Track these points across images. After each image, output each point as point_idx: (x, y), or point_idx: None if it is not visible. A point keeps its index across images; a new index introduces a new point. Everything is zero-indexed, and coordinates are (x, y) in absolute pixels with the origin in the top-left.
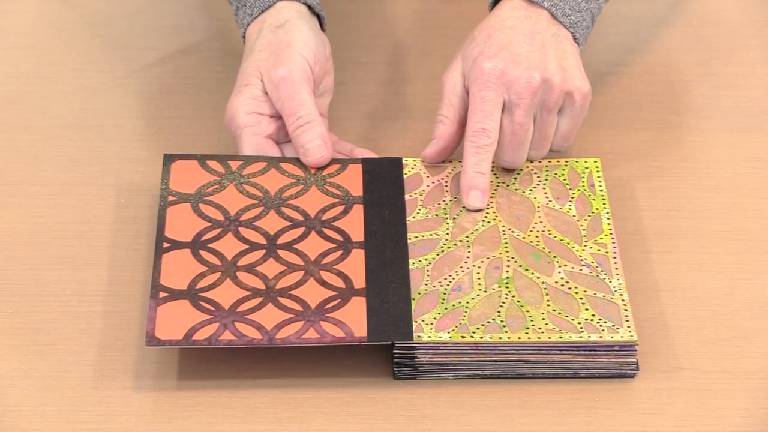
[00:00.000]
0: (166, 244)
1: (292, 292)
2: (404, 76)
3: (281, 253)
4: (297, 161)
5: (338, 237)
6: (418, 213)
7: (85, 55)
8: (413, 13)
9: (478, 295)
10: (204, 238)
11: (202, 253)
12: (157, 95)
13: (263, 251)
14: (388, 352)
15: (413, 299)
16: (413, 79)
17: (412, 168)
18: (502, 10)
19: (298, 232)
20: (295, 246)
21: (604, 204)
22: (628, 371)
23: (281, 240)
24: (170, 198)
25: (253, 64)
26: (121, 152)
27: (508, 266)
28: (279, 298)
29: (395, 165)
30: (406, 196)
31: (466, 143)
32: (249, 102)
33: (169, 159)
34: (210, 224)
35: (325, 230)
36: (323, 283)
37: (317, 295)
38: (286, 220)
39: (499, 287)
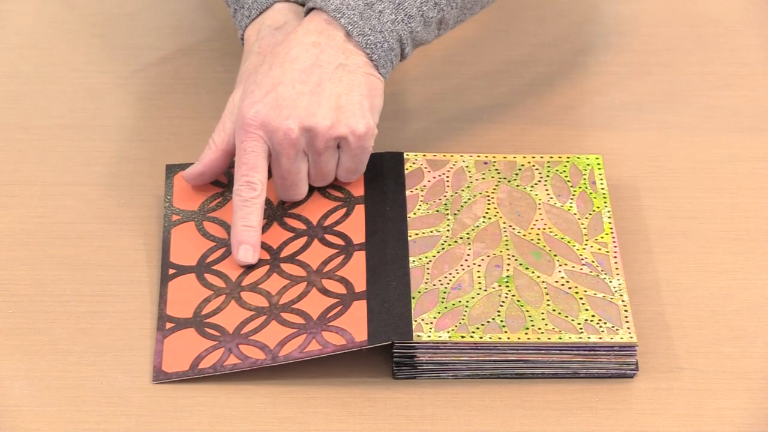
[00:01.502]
0: (171, 270)
1: (294, 306)
2: (404, 76)
3: (284, 266)
4: None
5: (340, 242)
6: (419, 209)
7: (85, 55)
8: None
9: (478, 294)
10: (208, 260)
11: (207, 276)
12: (157, 95)
13: (267, 267)
14: (388, 352)
15: (413, 298)
16: (413, 79)
17: (413, 163)
18: (298, 33)
19: (301, 242)
20: (297, 258)
21: (605, 202)
22: (628, 371)
23: (284, 253)
24: (174, 217)
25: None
26: (121, 152)
27: (508, 264)
28: (282, 314)
29: (396, 160)
30: (407, 192)
31: (233, 195)
32: None
33: (171, 170)
34: (214, 244)
35: (327, 236)
36: (325, 292)
37: (319, 305)
38: (289, 231)
39: (499, 286)
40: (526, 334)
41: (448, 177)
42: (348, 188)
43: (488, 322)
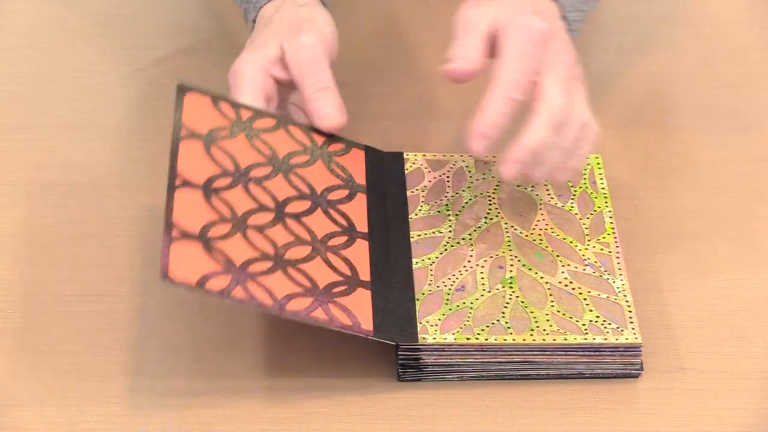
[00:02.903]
0: (178, 181)
1: (300, 266)
2: (406, 76)
3: (289, 222)
4: (304, 128)
5: (343, 222)
6: (420, 210)
7: (85, 55)
8: (414, 13)
9: (482, 295)
10: (215, 185)
11: (214, 200)
12: (157, 95)
13: (272, 215)
14: (389, 352)
15: (417, 300)
16: (415, 79)
17: (413, 163)
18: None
19: (305, 205)
20: (302, 219)
21: (605, 202)
22: (633, 372)
23: (289, 209)
24: (182, 132)
25: (273, 31)
26: (121, 152)
27: (511, 265)
28: (288, 269)
29: (396, 160)
30: (408, 192)
31: (494, 89)
32: (262, 60)
33: (182, 90)
34: (221, 171)
35: (331, 211)
36: (330, 266)
37: (325, 275)
38: (294, 189)
39: (503, 287)
40: (531, 335)
41: (448, 177)
42: (351, 172)
43: (493, 323)
